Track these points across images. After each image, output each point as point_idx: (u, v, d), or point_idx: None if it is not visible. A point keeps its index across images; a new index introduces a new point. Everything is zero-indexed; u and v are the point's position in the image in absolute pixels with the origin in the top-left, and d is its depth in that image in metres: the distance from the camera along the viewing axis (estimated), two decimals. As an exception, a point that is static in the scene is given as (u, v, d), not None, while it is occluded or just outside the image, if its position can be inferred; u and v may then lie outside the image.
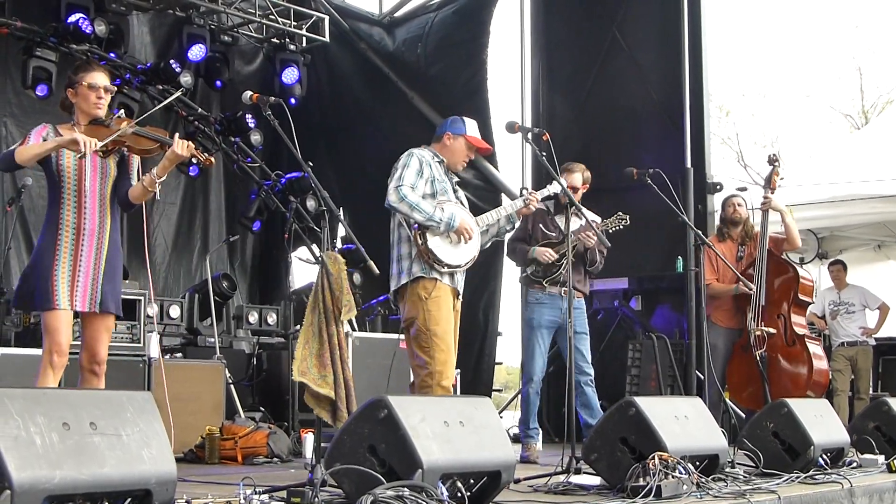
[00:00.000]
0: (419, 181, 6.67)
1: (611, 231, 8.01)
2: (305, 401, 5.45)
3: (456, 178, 7.02)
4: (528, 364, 8.17)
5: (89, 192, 5.69)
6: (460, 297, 6.82)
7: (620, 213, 8.03)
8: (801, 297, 8.97)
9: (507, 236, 7.86)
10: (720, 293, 9.00)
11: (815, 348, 8.95)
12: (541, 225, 8.17)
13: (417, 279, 6.60)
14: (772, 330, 8.77)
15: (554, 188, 7.30)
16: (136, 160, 5.89)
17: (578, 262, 8.07)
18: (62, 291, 5.55)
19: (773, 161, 9.10)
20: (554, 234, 8.01)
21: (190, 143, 5.76)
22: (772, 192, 8.95)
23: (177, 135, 5.82)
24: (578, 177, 8.16)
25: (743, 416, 9.44)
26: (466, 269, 6.82)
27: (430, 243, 6.58)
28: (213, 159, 6.18)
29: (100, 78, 5.75)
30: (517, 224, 7.39)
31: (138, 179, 5.83)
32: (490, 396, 11.74)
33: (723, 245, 9.18)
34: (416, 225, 6.61)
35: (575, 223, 7.80)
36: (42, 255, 5.61)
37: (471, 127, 7.00)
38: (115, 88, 5.91)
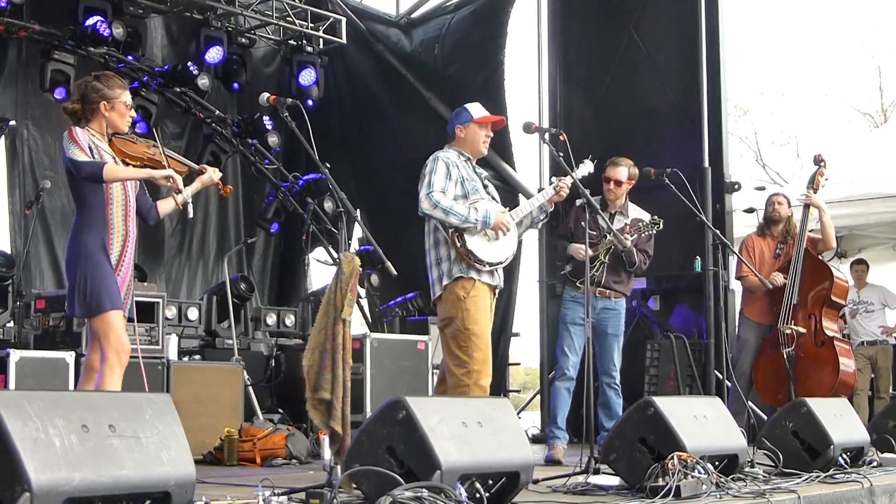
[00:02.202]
0: (448, 184, 6.62)
1: (643, 236, 7.95)
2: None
3: (485, 173, 6.97)
4: (561, 359, 8.07)
5: (131, 200, 5.84)
6: (497, 293, 6.78)
7: (655, 218, 7.95)
8: (835, 298, 8.94)
9: (539, 227, 7.78)
10: (756, 287, 8.96)
11: (843, 351, 8.91)
12: (582, 223, 8.05)
13: (457, 279, 6.58)
14: (801, 329, 8.75)
15: (585, 169, 7.31)
16: None
17: (617, 262, 8.01)
18: (121, 292, 5.72)
19: (818, 161, 9.09)
20: (595, 233, 7.88)
21: (219, 172, 6.09)
22: (814, 192, 8.93)
23: (206, 168, 6.11)
24: (623, 171, 8.05)
25: (764, 416, 9.41)
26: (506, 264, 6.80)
27: (469, 244, 6.55)
28: (230, 188, 6.44)
29: (129, 97, 5.93)
30: (549, 212, 7.30)
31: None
32: (507, 396, 11.74)
33: (762, 242, 9.21)
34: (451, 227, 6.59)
35: (619, 222, 7.80)
36: (97, 257, 5.67)
37: (475, 109, 6.94)
38: None
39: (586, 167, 7.43)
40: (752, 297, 9.16)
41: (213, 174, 6.06)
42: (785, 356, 8.67)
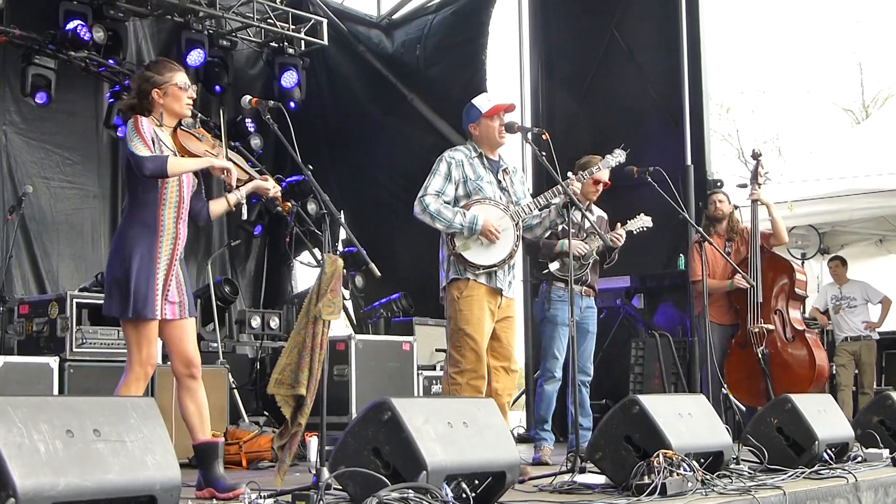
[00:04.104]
0: (448, 186, 6.57)
1: (635, 233, 7.97)
2: (278, 401, 5.36)
3: (505, 165, 6.84)
4: (551, 361, 7.95)
5: (186, 202, 5.57)
6: (505, 294, 6.67)
7: (643, 215, 7.99)
8: (798, 291, 8.97)
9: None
10: (714, 290, 8.94)
11: (815, 342, 8.95)
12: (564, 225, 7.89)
13: (452, 280, 6.57)
14: (770, 326, 8.77)
15: (616, 157, 7.27)
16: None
17: (599, 260, 8.05)
18: (160, 301, 5.42)
19: (756, 156, 9.17)
20: (574, 230, 7.83)
21: (277, 186, 5.71)
22: (758, 187, 8.96)
23: (268, 177, 5.75)
24: (607, 174, 8.01)
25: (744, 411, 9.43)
26: (509, 264, 6.67)
27: (459, 248, 6.52)
28: (289, 205, 5.94)
29: (185, 77, 5.65)
30: (565, 216, 7.16)
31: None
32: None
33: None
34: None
35: (597, 220, 7.77)
36: (142, 258, 5.38)
37: (482, 103, 6.83)
38: (195, 88, 5.78)
39: (614, 158, 7.38)
40: (710, 298, 9.04)
41: (272, 186, 5.70)
42: (759, 355, 8.69)
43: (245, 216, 5.91)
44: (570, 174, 6.87)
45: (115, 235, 5.60)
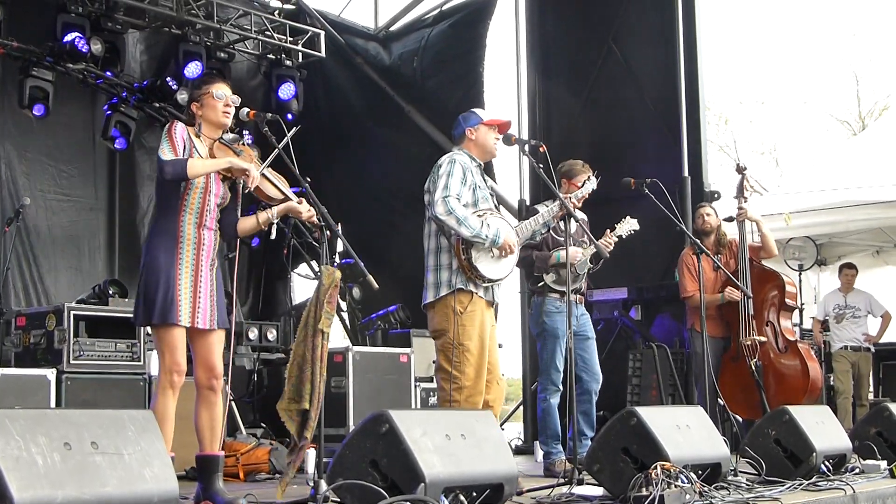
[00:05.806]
0: (463, 189, 6.45)
1: (624, 237, 7.98)
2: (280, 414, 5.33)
3: (490, 182, 6.83)
4: (554, 374, 7.83)
5: (211, 210, 5.56)
6: (495, 306, 6.67)
7: (629, 217, 7.97)
8: (788, 301, 8.98)
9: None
10: (706, 303, 8.90)
11: (807, 352, 8.95)
12: (552, 231, 7.92)
13: (455, 291, 6.40)
14: (762, 338, 8.76)
15: (589, 186, 7.32)
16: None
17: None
18: (185, 307, 5.41)
19: (741, 170, 9.10)
20: (562, 240, 7.81)
21: (312, 210, 5.61)
22: (745, 202, 8.95)
23: (303, 200, 5.66)
24: (593, 183, 8.03)
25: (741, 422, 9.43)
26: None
27: (474, 258, 6.39)
28: (320, 233, 5.67)
29: (224, 88, 5.67)
30: (550, 226, 7.21)
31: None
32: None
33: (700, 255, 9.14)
34: (455, 236, 6.42)
35: (573, 224, 7.75)
36: (162, 266, 5.39)
37: (483, 112, 6.85)
38: (239, 99, 5.71)
39: (591, 184, 7.47)
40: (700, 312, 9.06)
41: (304, 209, 5.62)
42: (753, 367, 8.69)
43: (273, 236, 5.86)
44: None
45: (143, 246, 5.62)
